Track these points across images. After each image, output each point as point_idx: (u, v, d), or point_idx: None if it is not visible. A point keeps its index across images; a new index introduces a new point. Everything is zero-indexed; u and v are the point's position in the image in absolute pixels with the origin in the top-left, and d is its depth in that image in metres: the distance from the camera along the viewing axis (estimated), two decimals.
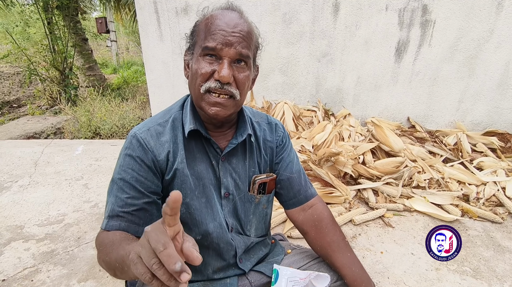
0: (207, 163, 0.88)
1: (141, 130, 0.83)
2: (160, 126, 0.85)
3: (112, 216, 0.78)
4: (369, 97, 3.27)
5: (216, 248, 0.92)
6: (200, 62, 0.77)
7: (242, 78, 0.78)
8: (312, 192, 1.02)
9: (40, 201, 2.34)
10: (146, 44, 3.32)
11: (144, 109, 5.16)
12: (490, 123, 3.19)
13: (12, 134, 4.18)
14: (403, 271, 1.66)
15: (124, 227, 0.77)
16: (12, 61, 6.01)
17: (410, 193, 2.31)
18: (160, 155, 0.82)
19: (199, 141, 0.87)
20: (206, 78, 0.77)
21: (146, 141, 0.81)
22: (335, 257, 0.92)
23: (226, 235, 0.91)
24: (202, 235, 0.89)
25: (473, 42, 2.91)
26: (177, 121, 0.87)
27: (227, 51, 0.74)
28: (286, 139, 1.03)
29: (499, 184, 2.39)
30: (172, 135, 0.84)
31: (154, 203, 0.83)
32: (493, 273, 1.65)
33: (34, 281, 1.59)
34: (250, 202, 0.96)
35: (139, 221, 0.80)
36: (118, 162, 0.83)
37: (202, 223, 0.88)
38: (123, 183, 0.79)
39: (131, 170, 0.79)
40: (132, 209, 0.79)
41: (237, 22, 0.76)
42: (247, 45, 0.77)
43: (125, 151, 0.82)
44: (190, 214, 0.87)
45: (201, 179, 0.87)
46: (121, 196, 0.79)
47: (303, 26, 3.07)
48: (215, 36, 0.74)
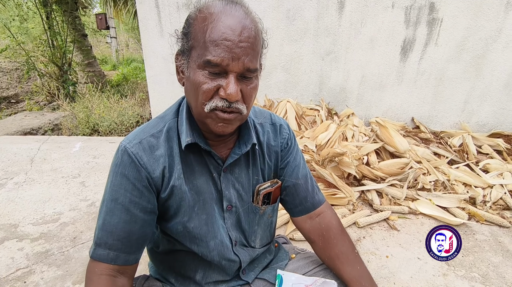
0: (207, 176, 0.80)
1: (132, 143, 0.73)
2: (153, 137, 0.75)
3: (99, 243, 0.72)
4: (373, 96, 3.21)
5: (218, 265, 0.85)
6: (199, 75, 0.65)
7: (249, 91, 0.69)
8: (319, 199, 0.95)
9: (35, 199, 2.28)
10: (146, 39, 3.25)
11: (144, 106, 5.09)
12: (496, 125, 3.13)
13: (9, 130, 4.12)
14: (409, 277, 1.61)
15: (113, 257, 0.71)
16: (10, 56, 5.93)
17: (415, 195, 2.26)
18: (154, 171, 0.73)
19: (197, 153, 0.78)
20: (210, 96, 0.66)
21: (138, 157, 0.72)
22: (343, 269, 0.85)
23: (228, 252, 0.85)
24: (202, 253, 0.82)
25: (480, 41, 2.85)
26: (172, 131, 0.77)
27: (234, 65, 0.63)
28: (292, 142, 0.94)
29: (506, 187, 2.34)
30: (167, 148, 0.75)
31: (148, 226, 0.76)
32: (502, 279, 1.60)
33: (27, 282, 1.53)
34: (255, 213, 0.89)
35: (129, 249, 0.73)
36: (109, 179, 0.74)
37: (202, 240, 0.81)
38: (114, 204, 0.72)
39: (123, 190, 0.71)
40: (122, 236, 0.72)
41: (243, 25, 0.63)
42: (256, 54, 0.67)
43: (116, 168, 0.73)
44: (188, 232, 0.80)
45: (201, 193, 0.79)
46: (110, 220, 0.71)
47: (307, 23, 3.01)
48: (218, 48, 0.62)
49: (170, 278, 0.91)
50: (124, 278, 0.74)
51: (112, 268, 0.72)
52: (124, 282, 0.74)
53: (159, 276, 0.95)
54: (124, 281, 0.74)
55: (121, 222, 0.71)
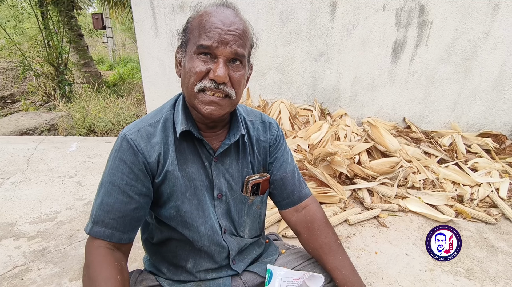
0: (199, 164, 0.87)
1: (131, 131, 0.80)
2: (151, 127, 0.83)
3: (97, 221, 0.77)
4: (366, 97, 3.27)
5: (208, 251, 0.90)
6: (194, 60, 0.75)
7: (238, 77, 0.77)
8: (306, 193, 1.01)
9: (32, 198, 2.31)
10: (142, 41, 3.28)
11: (140, 106, 5.11)
12: (485, 125, 3.20)
13: (5, 130, 4.12)
14: (397, 272, 1.66)
15: (108, 235, 0.77)
16: (6, 56, 5.92)
17: (405, 193, 2.32)
18: (150, 157, 0.80)
19: (190, 142, 0.85)
20: (201, 78, 0.74)
21: (136, 143, 0.79)
22: (326, 259, 0.91)
23: (218, 238, 0.90)
24: (192, 238, 0.88)
25: (469, 43, 2.91)
26: (169, 122, 0.84)
27: (223, 50, 0.72)
28: (280, 139, 1.01)
29: (493, 185, 2.40)
30: (163, 136, 0.82)
31: (141, 209, 0.81)
32: (486, 274, 1.66)
33: (24, 279, 1.56)
34: (244, 203, 0.95)
35: (124, 228, 0.79)
36: (108, 164, 0.81)
37: (193, 225, 0.86)
38: (111, 186, 0.78)
39: (120, 173, 0.78)
40: (117, 216, 0.77)
41: (232, 20, 0.74)
42: (243, 43, 0.75)
43: (115, 153, 0.80)
44: (180, 216, 0.85)
45: (192, 180, 0.85)
46: (107, 200, 0.77)
47: (300, 25, 3.06)
48: (210, 34, 0.72)
49: (163, 268, 0.96)
50: (120, 253, 0.80)
51: (109, 243, 0.77)
52: (121, 255, 0.80)
53: (152, 269, 0.99)
54: (120, 255, 0.80)
55: (117, 202, 0.77)
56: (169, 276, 0.95)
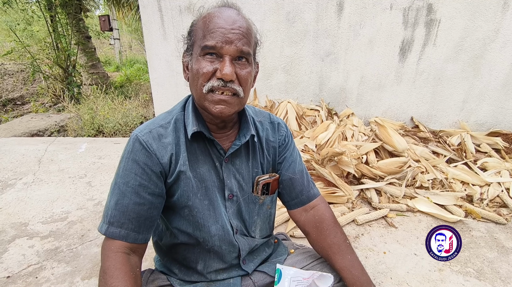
0: (210, 165, 0.88)
1: (143, 132, 0.82)
2: (162, 128, 0.84)
3: (112, 222, 0.79)
4: (373, 96, 3.26)
5: (218, 251, 0.91)
6: (200, 62, 0.76)
7: (245, 74, 0.78)
8: (314, 192, 1.02)
9: (44, 198, 2.35)
10: (150, 42, 3.32)
11: (147, 107, 5.16)
12: (495, 124, 3.17)
13: (16, 132, 4.20)
14: (406, 272, 1.66)
15: (124, 235, 0.78)
16: (16, 58, 6.03)
17: (413, 193, 2.30)
18: (163, 157, 0.81)
19: (201, 143, 0.87)
20: (208, 78, 0.76)
21: (148, 144, 0.80)
22: (335, 259, 0.91)
23: (229, 237, 0.91)
24: (203, 239, 0.89)
25: (478, 42, 2.88)
26: (179, 123, 0.86)
27: (228, 48, 0.74)
28: (289, 139, 1.02)
29: (503, 185, 2.38)
30: (174, 137, 0.84)
31: (155, 209, 0.82)
32: (496, 274, 1.64)
33: (38, 278, 1.60)
34: (254, 203, 0.96)
35: (139, 228, 0.80)
36: (121, 165, 0.82)
37: (204, 225, 0.88)
38: (125, 187, 0.79)
39: (134, 174, 0.79)
40: (132, 216, 0.79)
41: (235, 19, 0.76)
42: (247, 41, 0.77)
43: (128, 154, 0.81)
44: (192, 216, 0.87)
45: (203, 181, 0.87)
46: (122, 201, 0.79)
47: (306, 25, 3.06)
48: (214, 34, 0.73)
49: (174, 269, 0.98)
50: (135, 257, 0.82)
51: (125, 245, 0.79)
52: (136, 260, 0.82)
53: (164, 269, 1.01)
54: (136, 259, 0.81)
55: (131, 203, 0.79)
56: (181, 277, 0.96)
